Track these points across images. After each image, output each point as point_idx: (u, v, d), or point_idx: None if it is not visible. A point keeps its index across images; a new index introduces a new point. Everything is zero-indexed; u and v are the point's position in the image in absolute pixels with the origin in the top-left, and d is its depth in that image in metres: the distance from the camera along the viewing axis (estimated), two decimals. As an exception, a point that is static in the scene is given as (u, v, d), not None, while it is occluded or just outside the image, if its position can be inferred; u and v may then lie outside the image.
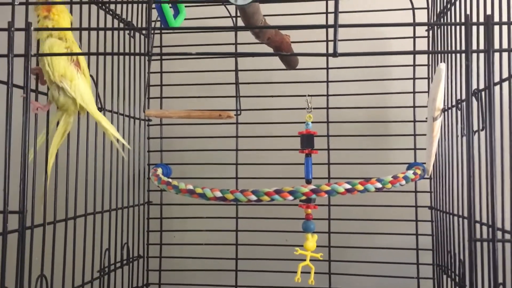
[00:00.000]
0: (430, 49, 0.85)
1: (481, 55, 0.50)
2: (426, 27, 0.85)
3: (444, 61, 0.74)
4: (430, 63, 0.85)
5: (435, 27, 0.82)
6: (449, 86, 0.73)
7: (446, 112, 0.75)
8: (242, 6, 0.43)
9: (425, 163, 0.72)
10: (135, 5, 0.86)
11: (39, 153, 0.58)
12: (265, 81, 0.92)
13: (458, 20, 0.68)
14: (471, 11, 0.62)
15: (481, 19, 0.57)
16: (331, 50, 0.41)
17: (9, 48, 0.43)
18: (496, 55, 0.50)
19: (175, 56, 0.93)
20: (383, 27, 0.88)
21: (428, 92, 0.84)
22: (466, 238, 0.63)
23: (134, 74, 0.86)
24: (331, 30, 0.47)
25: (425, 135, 0.72)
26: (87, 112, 0.62)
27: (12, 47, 0.44)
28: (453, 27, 0.70)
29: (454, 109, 0.70)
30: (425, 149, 0.71)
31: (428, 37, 0.85)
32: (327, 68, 0.87)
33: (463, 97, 0.65)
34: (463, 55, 0.62)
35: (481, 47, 0.45)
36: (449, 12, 0.74)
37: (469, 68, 0.41)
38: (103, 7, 0.75)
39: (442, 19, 0.77)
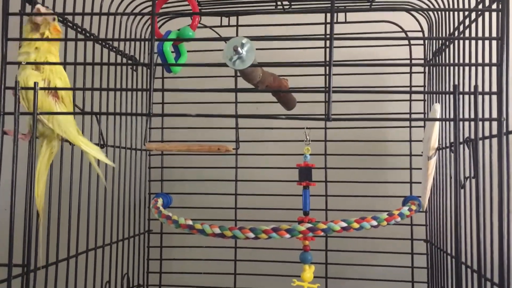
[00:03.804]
0: (426, 83, 0.86)
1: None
2: (422, 62, 0.87)
3: (439, 101, 0.76)
4: (426, 98, 0.86)
5: (431, 62, 0.83)
6: (444, 125, 0.75)
7: (441, 151, 0.76)
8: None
9: (420, 197, 0.74)
10: (136, 36, 0.88)
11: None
12: (264, 113, 0.94)
13: (457, 53, 0.69)
14: (463, 56, 0.63)
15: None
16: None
17: (16, 106, 0.45)
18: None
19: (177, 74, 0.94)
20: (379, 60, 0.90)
21: (423, 126, 0.86)
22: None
23: (136, 105, 0.88)
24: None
25: (420, 169, 0.73)
26: None
27: (18, 107, 0.45)
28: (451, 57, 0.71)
29: (448, 150, 0.71)
30: (420, 182, 0.73)
31: (424, 72, 0.87)
32: (326, 102, 0.89)
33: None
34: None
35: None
36: (443, 53, 0.75)
37: (457, 137, 0.43)
38: (106, 44, 0.76)
39: (437, 58, 0.79)
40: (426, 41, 0.86)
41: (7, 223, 0.50)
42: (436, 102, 0.77)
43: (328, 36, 0.82)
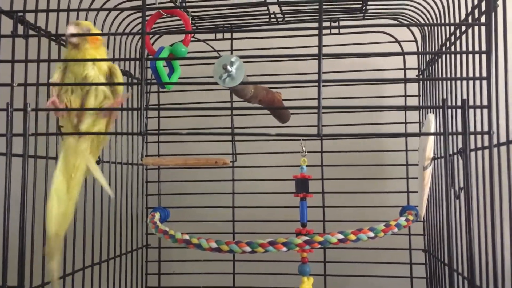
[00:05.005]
0: (420, 92, 0.87)
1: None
2: (416, 72, 0.88)
3: (433, 111, 0.76)
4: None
5: (425, 73, 0.84)
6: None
7: (436, 161, 0.76)
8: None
9: (417, 206, 0.73)
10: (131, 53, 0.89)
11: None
12: (261, 124, 0.94)
13: (451, 64, 0.70)
14: (455, 67, 0.64)
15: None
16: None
17: (8, 128, 0.45)
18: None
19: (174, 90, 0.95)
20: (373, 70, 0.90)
21: (419, 136, 0.86)
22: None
23: (132, 119, 0.88)
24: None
25: (417, 178, 0.73)
26: None
27: (11, 127, 0.46)
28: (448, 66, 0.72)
29: (443, 160, 0.71)
30: (417, 192, 0.73)
31: (418, 83, 0.87)
32: (319, 113, 0.89)
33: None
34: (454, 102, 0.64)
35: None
36: (436, 63, 0.76)
37: (447, 151, 0.43)
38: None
39: (431, 68, 0.79)
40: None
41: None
42: (430, 112, 0.77)
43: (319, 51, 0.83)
